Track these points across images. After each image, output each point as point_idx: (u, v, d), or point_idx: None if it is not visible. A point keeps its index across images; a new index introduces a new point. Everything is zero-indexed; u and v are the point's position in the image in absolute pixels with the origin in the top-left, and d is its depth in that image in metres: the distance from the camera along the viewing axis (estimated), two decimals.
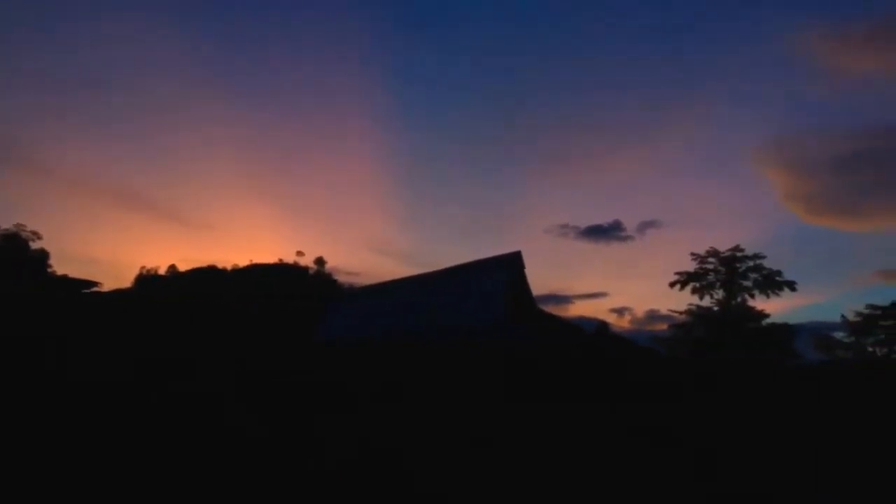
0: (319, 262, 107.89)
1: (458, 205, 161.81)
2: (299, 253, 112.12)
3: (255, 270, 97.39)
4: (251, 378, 18.53)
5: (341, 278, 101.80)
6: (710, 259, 47.32)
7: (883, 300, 45.63)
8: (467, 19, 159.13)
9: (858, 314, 45.63)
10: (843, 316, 46.38)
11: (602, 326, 58.72)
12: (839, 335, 46.37)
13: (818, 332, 46.81)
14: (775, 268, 45.62)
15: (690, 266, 47.91)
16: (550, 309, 45.09)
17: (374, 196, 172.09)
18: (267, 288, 70.86)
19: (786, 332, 43.85)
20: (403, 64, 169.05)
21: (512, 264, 32.00)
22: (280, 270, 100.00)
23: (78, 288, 47.62)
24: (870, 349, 45.80)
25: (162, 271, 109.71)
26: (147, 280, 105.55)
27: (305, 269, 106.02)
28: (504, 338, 27.04)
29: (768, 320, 45.01)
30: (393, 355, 25.23)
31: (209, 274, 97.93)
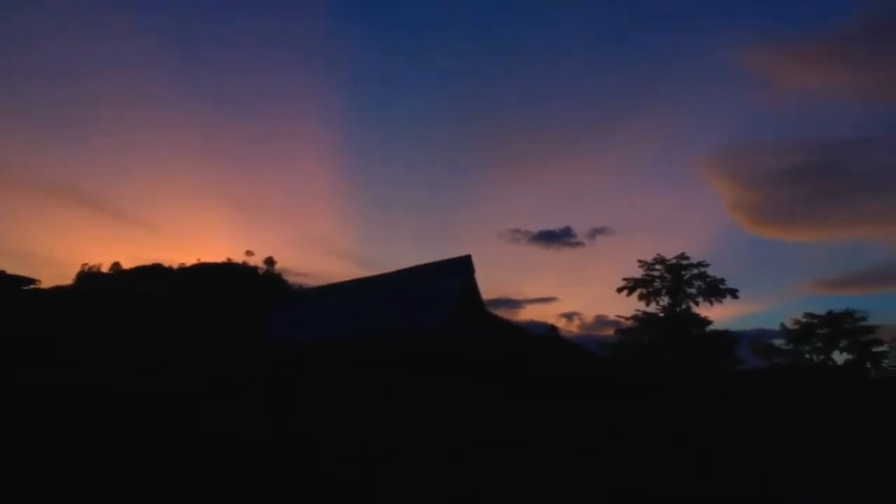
0: (269, 262, 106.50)
1: (410, 208, 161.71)
2: (248, 252, 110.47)
3: (203, 269, 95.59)
4: (191, 379, 18.17)
5: (291, 279, 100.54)
6: (657, 266, 48.33)
7: (820, 309, 47.47)
8: (423, 22, 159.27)
9: (797, 322, 47.23)
10: (782, 324, 47.96)
11: (551, 331, 59.50)
12: (778, 342, 47.87)
13: (758, 339, 48.23)
14: (719, 276, 46.95)
15: (638, 272, 48.86)
16: (501, 313, 45.46)
17: (327, 197, 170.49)
18: (214, 287, 69.68)
19: (727, 339, 45.09)
20: (358, 66, 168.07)
21: (462, 268, 32.07)
22: (228, 270, 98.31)
23: (16, 285, 46.03)
24: (807, 356, 47.34)
25: (105, 269, 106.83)
26: (89, 277, 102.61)
27: (254, 268, 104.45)
28: (453, 341, 27.09)
29: (711, 327, 46.28)
30: (340, 357, 25.04)
31: (154, 272, 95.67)
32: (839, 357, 46.25)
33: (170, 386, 16.44)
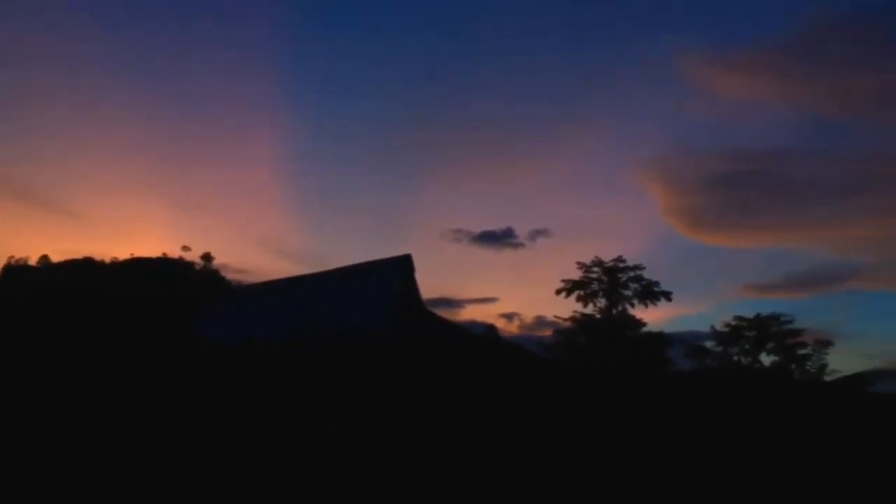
0: (206, 257, 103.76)
1: (353, 206, 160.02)
2: (185, 248, 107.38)
3: (136, 264, 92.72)
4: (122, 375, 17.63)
5: (230, 276, 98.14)
6: (595, 269, 49.07)
7: (749, 312, 48.74)
8: (371, 22, 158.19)
9: (726, 325, 48.51)
10: (712, 326, 49.16)
11: (490, 330, 59.86)
12: (709, 344, 49.11)
13: (690, 341, 49.36)
14: (654, 279, 47.96)
15: (577, 274, 49.51)
16: (442, 312, 45.38)
17: (269, 195, 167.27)
18: (148, 282, 67.64)
19: (660, 341, 46.14)
20: (304, 63, 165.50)
21: (402, 267, 31.96)
22: (163, 265, 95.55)
23: None
24: (735, 358, 48.74)
25: (33, 262, 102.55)
26: (15, 270, 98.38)
27: (191, 264, 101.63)
28: (392, 339, 26.97)
29: (646, 328, 47.27)
30: (275, 355, 24.65)
31: (85, 266, 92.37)
32: (766, 359, 47.80)
33: (91, 383, 15.94)
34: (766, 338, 46.97)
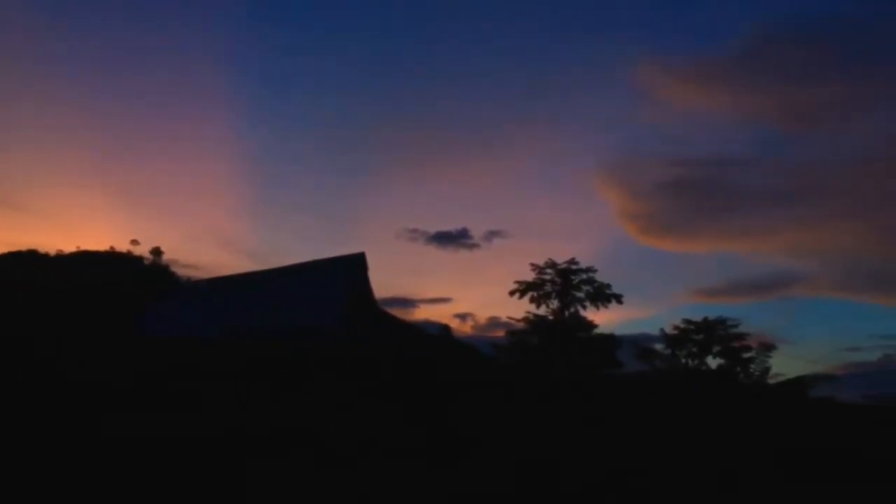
0: (156, 252, 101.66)
1: (309, 204, 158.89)
2: (134, 242, 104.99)
3: (82, 257, 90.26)
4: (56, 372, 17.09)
5: (180, 271, 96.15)
6: (548, 270, 49.51)
7: (698, 316, 49.76)
8: (327, 21, 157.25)
9: (675, 328, 49.44)
10: (662, 329, 50.04)
11: (444, 331, 59.92)
12: (658, 347, 50.00)
13: (640, 344, 50.16)
14: (606, 281, 48.61)
15: (530, 276, 49.88)
16: (396, 312, 45.27)
17: (223, 191, 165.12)
18: (94, 276, 65.85)
19: (611, 342, 46.83)
20: (260, 62, 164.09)
21: (355, 265, 31.83)
22: (110, 259, 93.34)
23: None
24: (683, 360, 49.70)
25: None
26: None
27: (139, 258, 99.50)
28: (343, 337, 26.80)
29: (597, 330, 47.91)
30: (223, 352, 24.25)
31: (28, 258, 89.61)
32: (712, 362, 48.83)
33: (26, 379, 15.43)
34: (712, 341, 47.99)
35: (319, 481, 10.07)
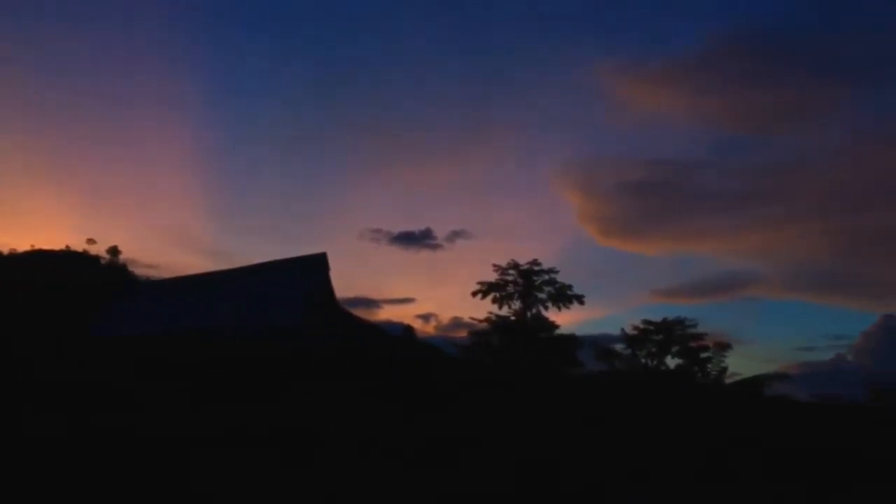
0: (113, 251, 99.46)
1: (270, 204, 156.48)
2: (90, 241, 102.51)
3: (36, 256, 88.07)
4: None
5: (139, 271, 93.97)
6: (511, 271, 49.85)
7: (657, 316, 50.45)
8: (292, 18, 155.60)
9: (635, 328, 50.03)
10: (622, 329, 50.60)
11: (407, 331, 59.75)
12: (619, 347, 50.57)
13: (600, 344, 50.68)
14: (568, 282, 49.09)
15: (493, 277, 50.12)
16: (359, 312, 45.01)
17: (182, 190, 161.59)
18: (48, 275, 64.20)
19: (572, 343, 47.29)
20: (223, 58, 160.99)
21: (316, 265, 31.63)
22: (66, 257, 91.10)
23: None
24: (643, 360, 50.35)
25: None
26: None
27: (96, 258, 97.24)
28: (303, 337, 26.61)
29: (558, 331, 48.34)
30: (182, 352, 23.90)
31: None
32: (671, 361, 49.55)
33: None
34: (671, 341, 48.70)
35: (272, 480, 10.00)
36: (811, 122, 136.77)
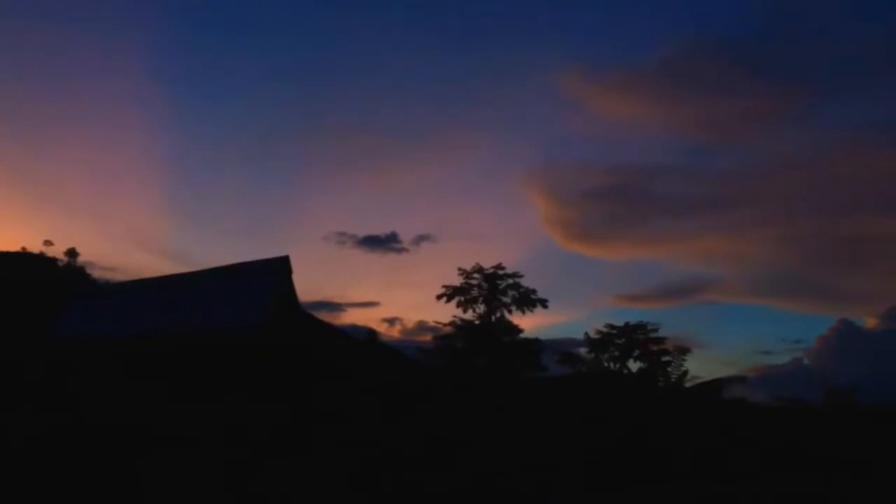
0: (71, 253, 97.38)
1: (235, 206, 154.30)
2: (47, 242, 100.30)
3: None
4: None
5: (97, 273, 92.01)
6: (475, 275, 50.06)
7: (619, 320, 51.07)
8: (253, 21, 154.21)
9: (598, 332, 50.57)
10: (586, 334, 51.09)
11: (370, 335, 59.53)
12: (582, 351, 51.02)
13: (564, 348, 51.09)
14: (532, 286, 49.44)
15: (458, 280, 50.25)
16: (323, 316, 44.67)
17: (143, 192, 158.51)
18: (3, 276, 62.64)
19: (535, 347, 47.61)
20: (186, 58, 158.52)
21: (279, 268, 31.25)
22: (22, 259, 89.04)
23: None
24: (606, 364, 50.85)
25: None
26: None
27: (54, 259, 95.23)
28: (264, 339, 26.34)
29: (522, 335, 48.62)
30: (137, 355, 23.55)
31: None
32: (633, 365, 50.14)
33: None
34: (632, 345, 49.29)
35: (223, 482, 9.92)
36: (772, 129, 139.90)
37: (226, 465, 10.91)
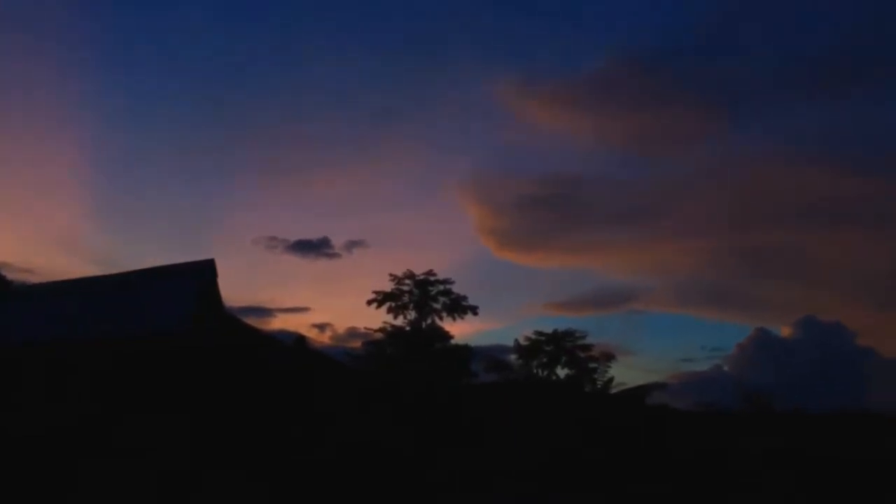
0: None
1: (162, 209, 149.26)
2: None
3: None
4: None
5: (13, 275, 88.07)
6: (406, 281, 49.99)
7: (548, 328, 51.85)
8: (184, 20, 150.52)
9: (528, 339, 51.17)
10: (516, 340, 51.61)
11: (299, 340, 58.57)
12: (512, 357, 51.51)
13: (494, 355, 51.47)
14: (463, 293, 49.72)
15: (389, 286, 50.03)
16: (252, 321, 43.68)
17: (64, 193, 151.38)
18: None
19: (466, 353, 47.83)
20: (113, 59, 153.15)
21: (203, 271, 30.41)
22: None
23: None
24: (535, 371, 51.48)
25: None
26: None
27: None
28: (186, 345, 25.58)
29: (453, 341, 48.77)
30: (54, 359, 22.52)
31: None
32: (561, 372, 50.93)
33: None
34: (561, 352, 50.07)
35: (148, 491, 9.54)
36: (696, 143, 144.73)
37: (157, 475, 10.50)
